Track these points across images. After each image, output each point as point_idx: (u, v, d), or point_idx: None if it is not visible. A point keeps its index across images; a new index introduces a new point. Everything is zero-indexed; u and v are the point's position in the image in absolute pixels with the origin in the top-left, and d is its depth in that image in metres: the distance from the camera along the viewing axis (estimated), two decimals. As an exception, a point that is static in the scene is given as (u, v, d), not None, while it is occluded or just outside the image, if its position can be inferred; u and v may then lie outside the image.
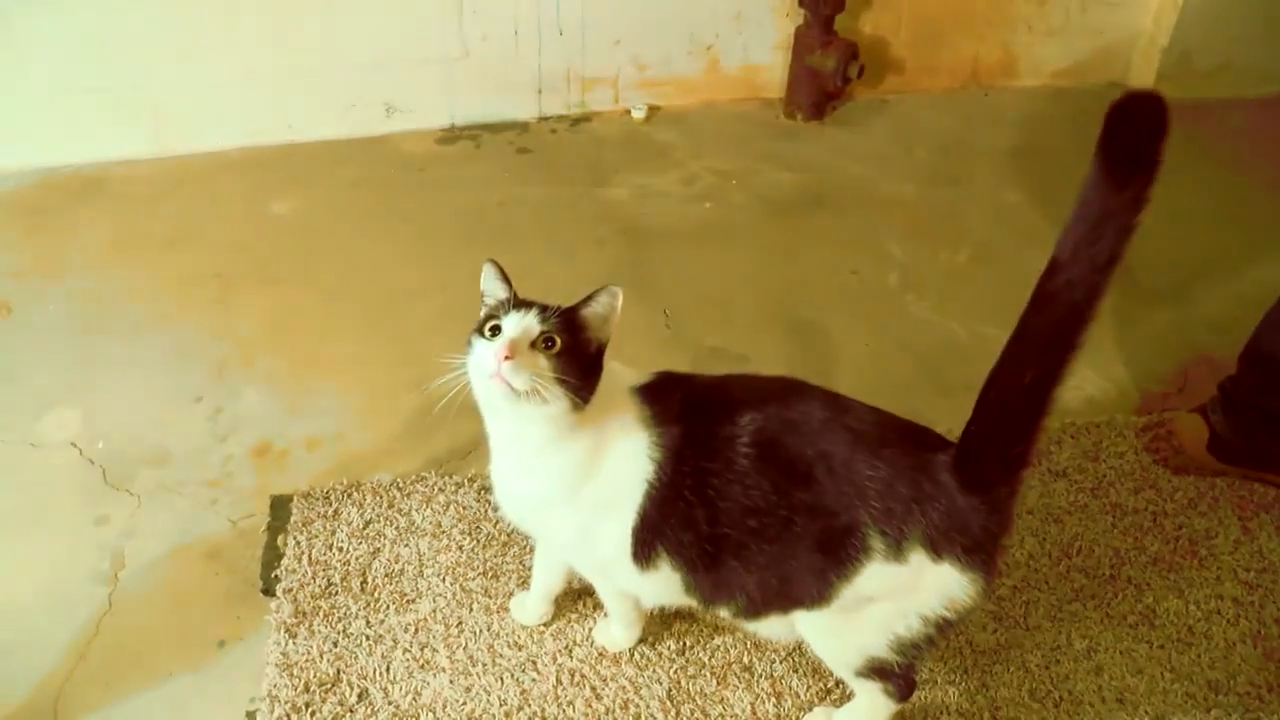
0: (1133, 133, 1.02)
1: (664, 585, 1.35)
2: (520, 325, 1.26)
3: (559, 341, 1.25)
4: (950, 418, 1.97)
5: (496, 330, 1.27)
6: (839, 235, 2.53)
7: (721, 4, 2.94)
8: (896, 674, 1.34)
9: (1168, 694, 1.55)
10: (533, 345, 1.24)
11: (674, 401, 1.32)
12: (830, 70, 2.88)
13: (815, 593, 1.26)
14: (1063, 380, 1.13)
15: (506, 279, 1.39)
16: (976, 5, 3.11)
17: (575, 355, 1.26)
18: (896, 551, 1.20)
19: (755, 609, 1.33)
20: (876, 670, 1.33)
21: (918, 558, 1.20)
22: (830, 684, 1.54)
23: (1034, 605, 1.66)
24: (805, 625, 1.34)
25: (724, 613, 1.38)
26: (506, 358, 1.20)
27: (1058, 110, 3.14)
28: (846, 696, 1.51)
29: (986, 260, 2.47)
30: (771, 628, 1.38)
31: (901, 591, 1.23)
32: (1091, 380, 2.10)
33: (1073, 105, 3.16)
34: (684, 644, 1.59)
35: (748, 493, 1.24)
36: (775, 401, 1.28)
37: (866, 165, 2.83)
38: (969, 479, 1.19)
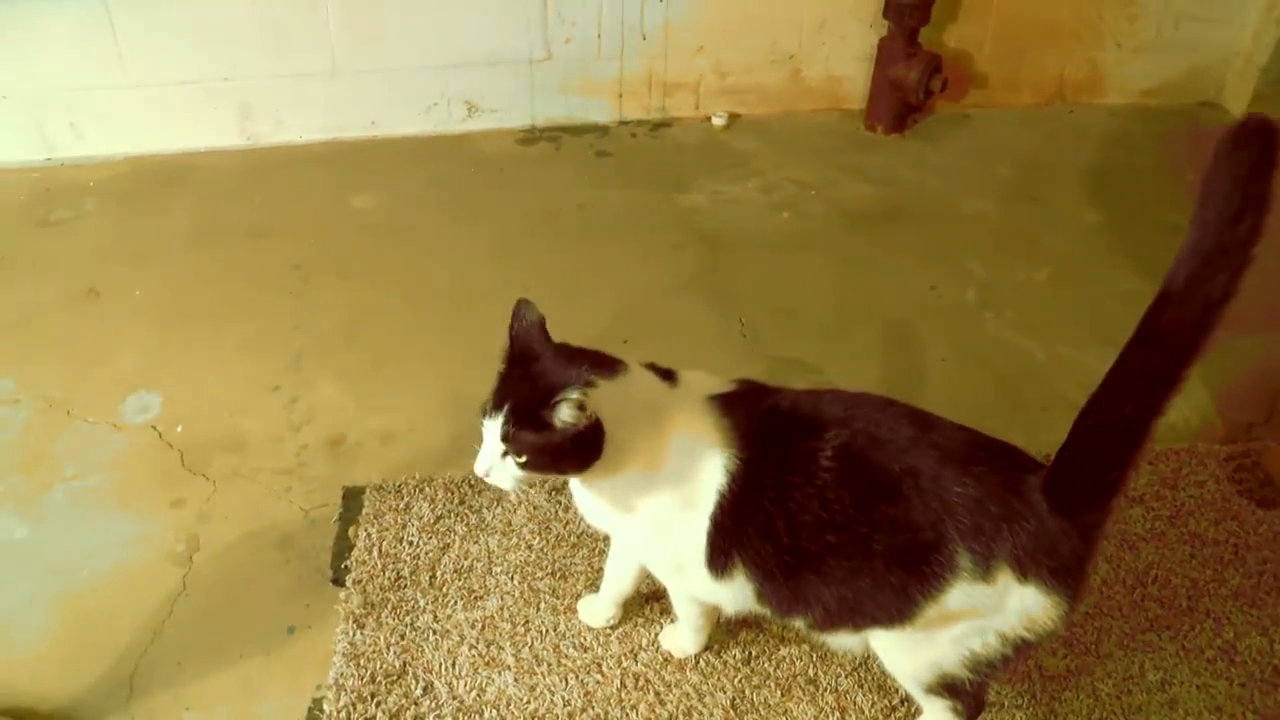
0: (1247, 162, 0.98)
1: (738, 593, 1.34)
2: (490, 439, 1.28)
3: (524, 454, 1.25)
4: (1026, 437, 1.94)
5: None
6: (917, 249, 2.50)
7: (805, 13, 2.93)
8: (967, 692, 1.32)
9: (1249, 733, 1.51)
10: (504, 454, 1.26)
11: (754, 412, 1.31)
12: (913, 83, 2.85)
13: (896, 610, 1.24)
14: (1163, 413, 1.11)
15: (509, 346, 1.36)
16: (1064, 20, 3.07)
17: (550, 453, 1.24)
18: (984, 571, 1.18)
19: (831, 622, 1.31)
20: (947, 687, 1.31)
21: (1004, 578, 1.18)
22: (895, 701, 1.52)
23: (1106, 632, 1.63)
24: (879, 639, 1.32)
25: (798, 624, 1.37)
26: (485, 474, 1.27)
27: (1145, 129, 3.08)
28: (911, 715, 1.50)
29: (1066, 280, 2.43)
30: (844, 640, 1.37)
31: (985, 610, 1.21)
32: (1173, 405, 2.05)
33: (1161, 125, 3.10)
34: (750, 653, 1.58)
35: (828, 507, 1.22)
36: (861, 417, 1.27)
37: (946, 180, 2.80)
38: (1060, 502, 1.16)
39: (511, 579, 1.69)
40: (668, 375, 1.37)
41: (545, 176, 2.74)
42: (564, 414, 1.22)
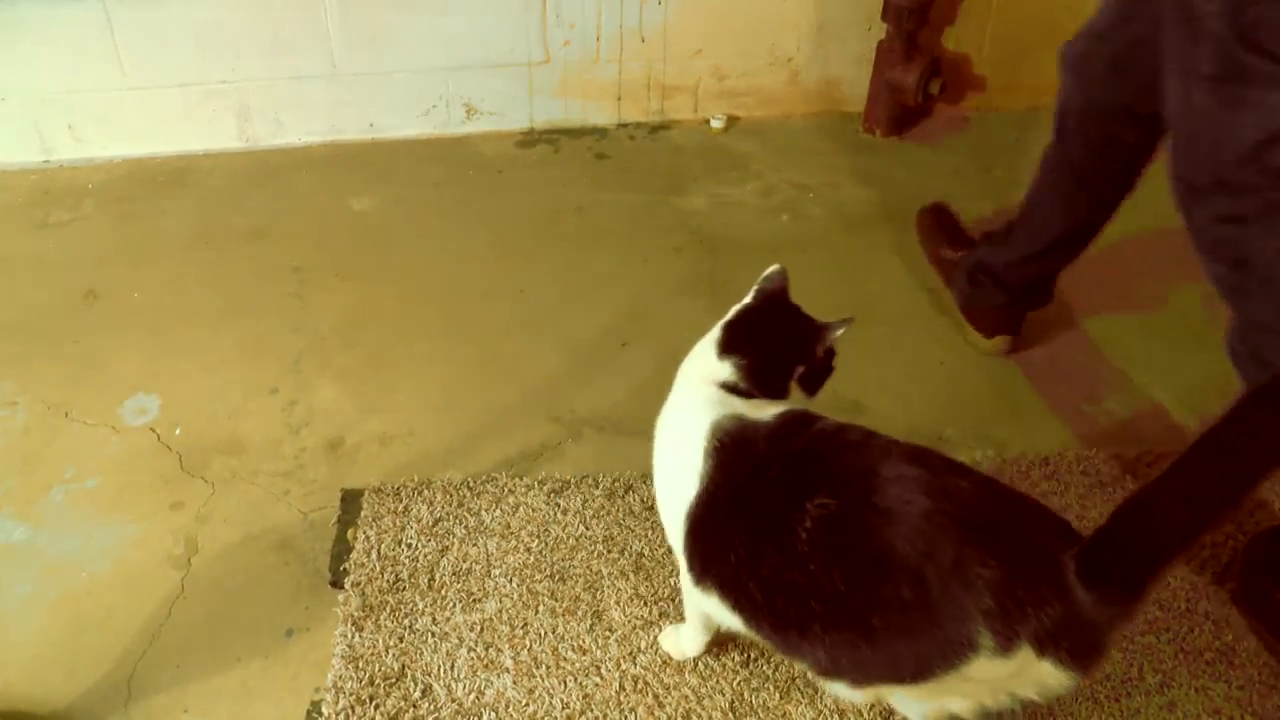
0: None
1: (725, 616, 1.32)
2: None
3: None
4: (1023, 439, 1.96)
5: None
6: (916, 252, 2.50)
7: (804, 16, 2.93)
8: None
9: (1247, 736, 1.51)
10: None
11: (753, 439, 1.31)
12: (911, 86, 2.85)
13: (908, 674, 1.19)
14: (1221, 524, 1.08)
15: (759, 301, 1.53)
16: (1062, 23, 3.04)
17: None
18: (1004, 650, 1.12)
19: (830, 675, 1.26)
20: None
21: (1024, 654, 1.13)
22: (895, 705, 1.52)
23: (1104, 636, 1.63)
24: (898, 697, 1.29)
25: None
26: None
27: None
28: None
29: (1065, 283, 2.42)
30: (844, 692, 1.30)
31: (999, 681, 1.17)
32: (1176, 409, 2.06)
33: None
34: (748, 656, 1.58)
35: (811, 578, 1.18)
36: (862, 484, 1.20)
37: (945, 182, 2.80)
38: (1095, 586, 1.11)
39: (510, 581, 1.69)
40: None
41: (544, 179, 2.74)
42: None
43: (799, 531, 1.19)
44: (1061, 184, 1.97)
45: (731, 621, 1.32)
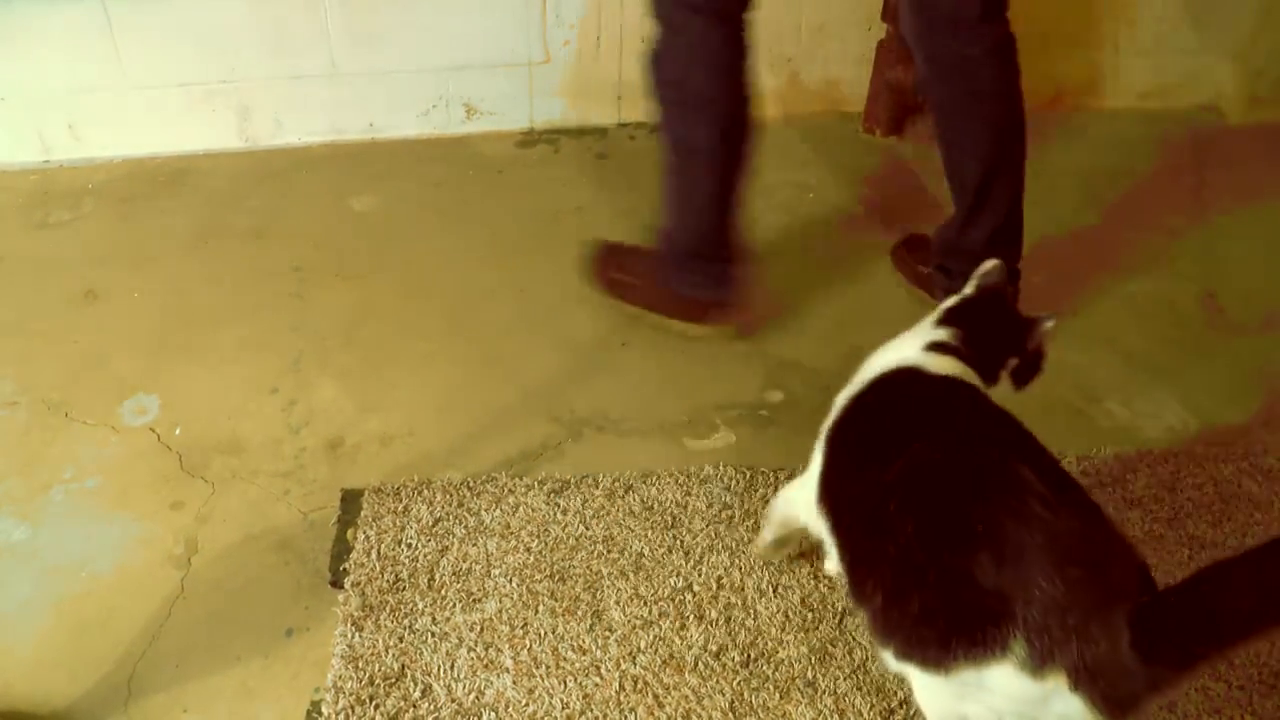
0: None
1: (826, 539, 1.40)
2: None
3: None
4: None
5: None
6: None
7: (803, 16, 2.92)
8: None
9: (1248, 736, 1.51)
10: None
11: (890, 388, 1.43)
12: (910, 86, 2.85)
13: (933, 656, 1.20)
14: None
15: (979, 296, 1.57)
16: (1063, 23, 3.06)
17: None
18: (1036, 668, 1.11)
19: (878, 630, 1.27)
20: None
21: (1056, 681, 1.11)
22: (894, 704, 1.52)
23: (1105, 635, 1.63)
24: (916, 677, 1.27)
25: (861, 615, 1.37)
26: None
27: (1143, 132, 3.07)
28: (909, 718, 1.50)
29: (1061, 281, 2.43)
30: (890, 663, 1.29)
31: (1024, 701, 1.14)
32: (1172, 409, 2.06)
33: (1158, 128, 3.09)
34: (748, 656, 1.58)
35: (890, 519, 1.23)
36: (974, 454, 1.26)
37: (943, 182, 2.79)
38: (1144, 645, 1.08)
39: (510, 581, 1.69)
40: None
41: (544, 179, 2.74)
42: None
43: (896, 467, 1.25)
44: (946, 130, 2.12)
45: (830, 546, 1.38)
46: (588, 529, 1.77)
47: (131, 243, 2.49)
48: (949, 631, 1.17)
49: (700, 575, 1.69)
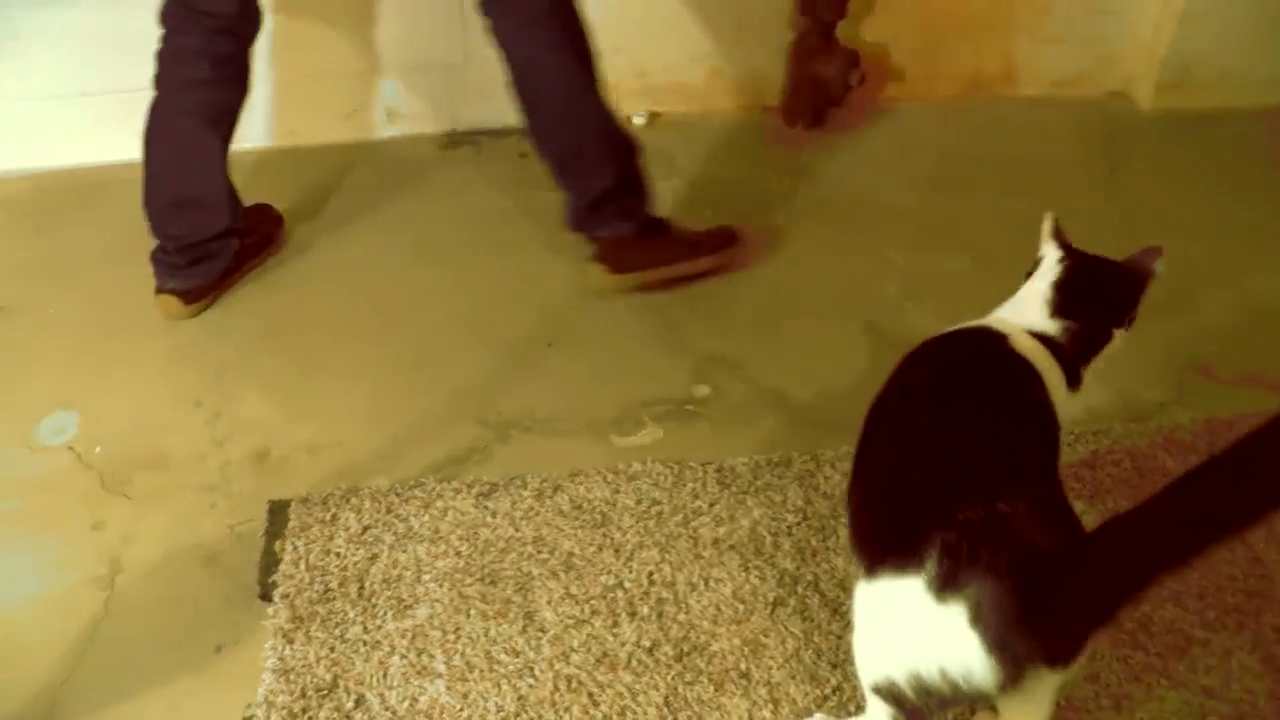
0: None
1: None
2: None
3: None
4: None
5: None
6: (837, 243, 2.53)
7: (723, 12, 2.94)
8: (910, 710, 1.27)
9: (1164, 700, 1.55)
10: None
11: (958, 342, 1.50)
12: (830, 78, 2.87)
13: (868, 560, 1.25)
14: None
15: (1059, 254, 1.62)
16: (978, 13, 3.11)
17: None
18: (940, 591, 1.13)
19: (853, 540, 1.36)
20: (894, 696, 1.25)
21: (956, 611, 1.12)
22: (827, 690, 1.54)
23: (1030, 611, 1.66)
24: (857, 600, 1.29)
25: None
26: None
27: (1058, 119, 3.13)
28: (843, 704, 1.52)
29: (987, 267, 2.46)
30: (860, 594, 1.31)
31: (929, 630, 1.16)
32: (1092, 389, 2.09)
33: (1073, 114, 3.15)
34: (682, 650, 1.59)
35: (876, 430, 1.37)
36: (966, 381, 1.39)
37: (867, 173, 2.83)
38: (1032, 605, 1.11)
39: (441, 586, 1.68)
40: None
41: (468, 181, 2.73)
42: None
43: (900, 384, 1.39)
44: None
45: None
46: (517, 530, 1.77)
47: (44, 257, 2.45)
48: (887, 537, 1.23)
49: (631, 572, 1.70)
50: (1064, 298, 1.52)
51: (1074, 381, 1.48)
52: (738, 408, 2.04)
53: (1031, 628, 1.11)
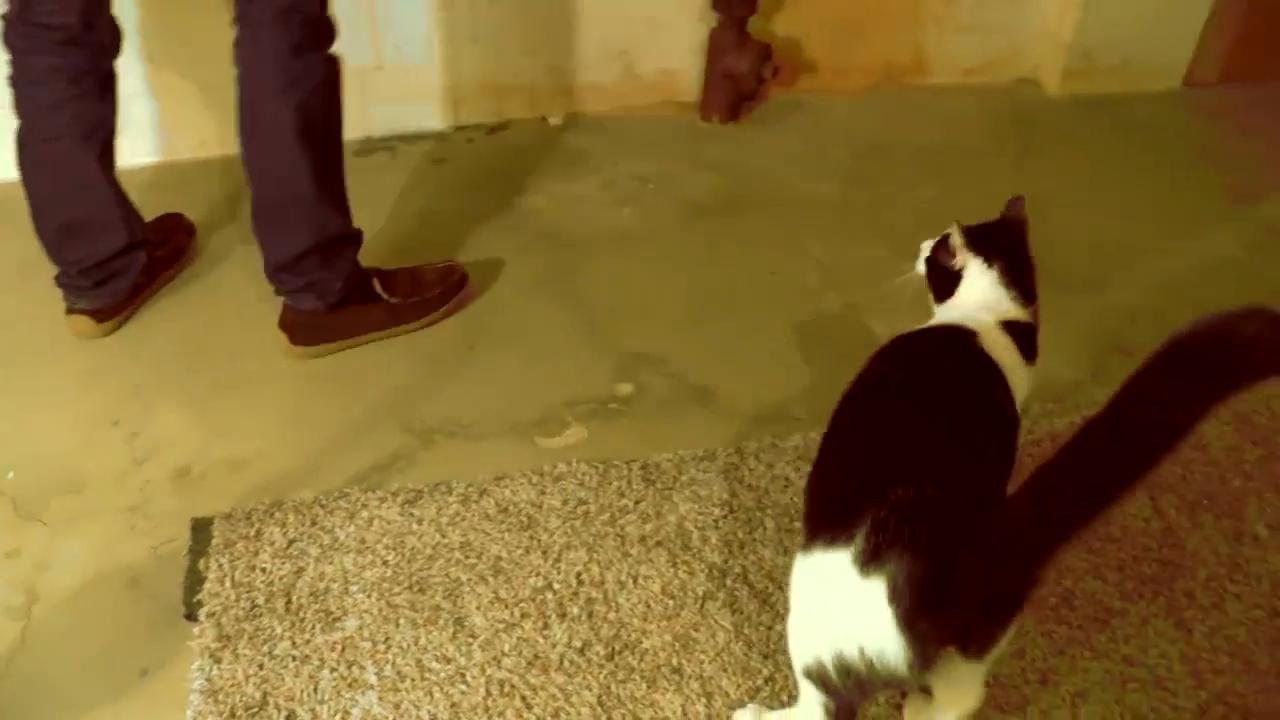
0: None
1: None
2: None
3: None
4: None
5: None
6: (758, 235, 2.55)
7: (635, 10, 2.94)
8: (839, 694, 1.29)
9: (1087, 671, 1.59)
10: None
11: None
12: (744, 72, 2.90)
13: (808, 533, 1.28)
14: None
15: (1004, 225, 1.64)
16: (887, 5, 3.15)
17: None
18: (864, 565, 1.16)
19: (804, 513, 1.38)
20: (822, 679, 1.27)
21: (875, 585, 1.14)
22: (759, 682, 1.55)
23: (956, 595, 1.69)
24: (793, 579, 1.31)
25: None
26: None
27: (970, 107, 3.19)
28: (775, 694, 1.53)
29: (904, 255, 2.48)
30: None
31: (851, 605, 1.17)
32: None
33: (983, 102, 3.21)
34: (613, 649, 1.59)
35: (838, 414, 1.41)
36: (931, 380, 1.40)
37: (784, 165, 2.85)
38: (939, 585, 1.13)
39: (369, 597, 1.67)
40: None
41: (383, 187, 2.70)
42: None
43: (868, 377, 1.43)
44: None
45: None
46: (444, 537, 1.76)
47: (-53, 280, 2.38)
48: (827, 513, 1.25)
49: (559, 573, 1.70)
50: (1019, 287, 1.55)
51: (1032, 355, 1.53)
52: (661, 404, 2.05)
53: (936, 608, 1.13)
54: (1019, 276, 1.54)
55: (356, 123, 2.86)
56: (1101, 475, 1.06)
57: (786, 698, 1.52)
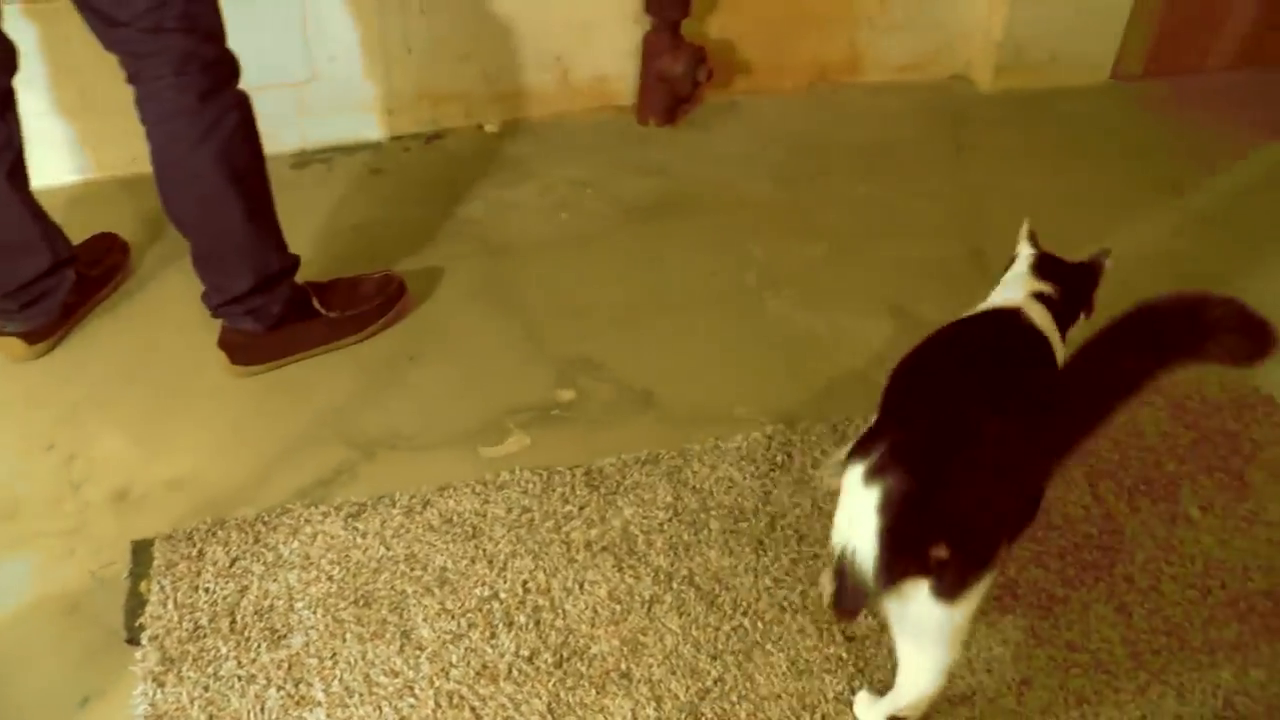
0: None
1: None
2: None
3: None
4: (813, 410, 2.03)
5: None
6: (696, 237, 2.56)
7: (569, 14, 2.95)
8: (842, 588, 1.36)
9: (1032, 659, 1.61)
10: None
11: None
12: (679, 75, 2.91)
13: (851, 454, 1.36)
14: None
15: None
16: (820, 5, 3.18)
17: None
18: (869, 475, 1.27)
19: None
20: (836, 568, 1.35)
21: (873, 496, 1.25)
22: (708, 683, 1.56)
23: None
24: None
25: None
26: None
27: (902, 104, 3.23)
28: (725, 694, 1.54)
29: (842, 252, 2.52)
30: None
31: (855, 507, 1.29)
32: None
33: (917, 98, 3.25)
34: (561, 656, 1.59)
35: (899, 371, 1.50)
36: (987, 343, 1.52)
37: (721, 167, 2.87)
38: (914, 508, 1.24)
39: (314, 613, 1.65)
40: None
41: (320, 200, 2.68)
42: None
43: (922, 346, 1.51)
44: None
45: None
46: (389, 549, 1.75)
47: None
48: (869, 436, 1.35)
49: (506, 582, 1.69)
50: (1041, 271, 1.67)
51: (1071, 322, 1.64)
52: (603, 409, 2.05)
53: (907, 528, 1.23)
54: (1053, 272, 1.68)
55: (292, 136, 2.86)
56: (1074, 412, 1.21)
57: (736, 697, 1.53)
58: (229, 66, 1.92)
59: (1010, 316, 1.57)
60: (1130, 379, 1.17)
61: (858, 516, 1.26)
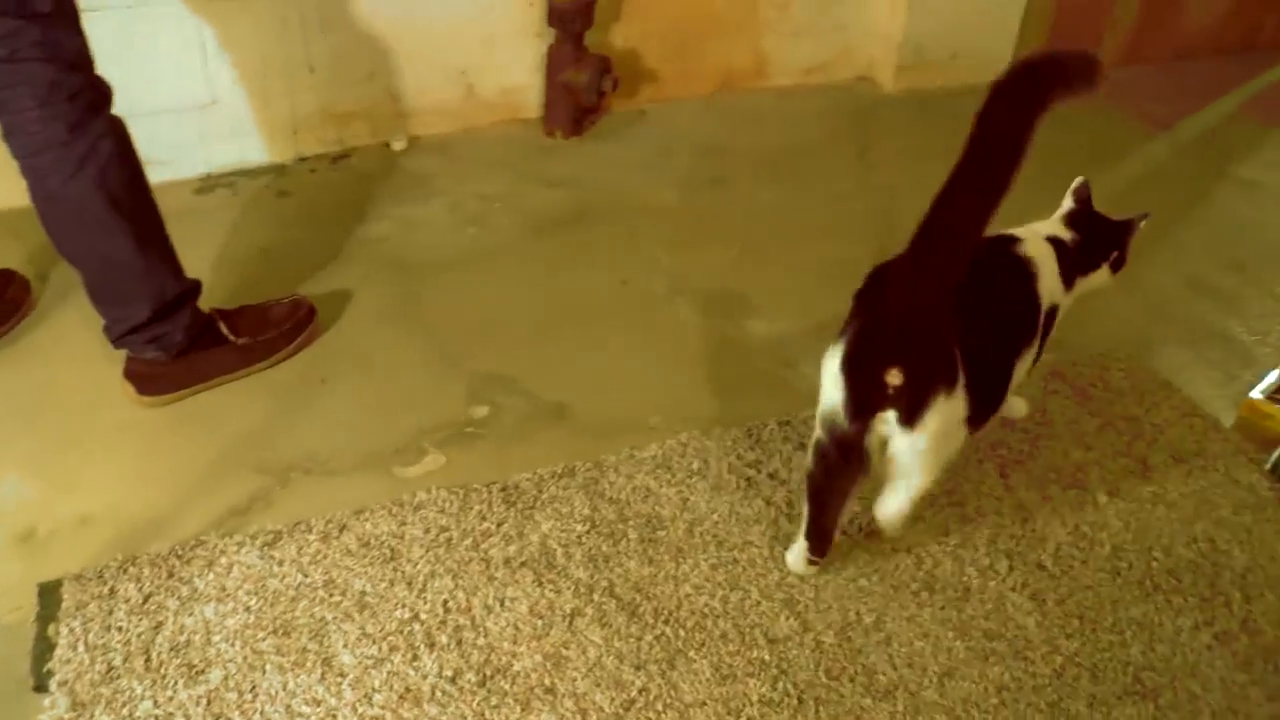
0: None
1: None
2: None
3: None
4: (729, 413, 2.04)
5: None
6: (606, 247, 2.57)
7: (472, 29, 2.94)
8: (829, 439, 1.55)
9: (951, 650, 1.64)
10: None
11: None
12: (584, 86, 2.91)
13: (839, 333, 1.57)
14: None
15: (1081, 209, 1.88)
16: (722, 12, 3.21)
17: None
18: (836, 338, 1.54)
19: None
20: (823, 424, 1.56)
21: (838, 351, 1.52)
22: (633, 694, 1.56)
23: (822, 588, 1.72)
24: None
25: None
26: None
27: (810, 107, 3.27)
28: (650, 704, 1.54)
29: (751, 257, 2.55)
30: None
31: (828, 370, 1.53)
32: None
33: (823, 101, 3.30)
34: (484, 674, 1.58)
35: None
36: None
37: (629, 176, 2.88)
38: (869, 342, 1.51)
39: (233, 645, 1.63)
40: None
41: (225, 225, 2.64)
42: None
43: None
44: None
45: None
46: (306, 576, 1.72)
47: None
48: (849, 321, 1.55)
49: (426, 603, 1.68)
50: (1072, 218, 1.82)
51: (1068, 284, 1.76)
52: (517, 424, 2.05)
53: (862, 366, 1.47)
54: (1083, 223, 1.83)
55: (195, 160, 2.82)
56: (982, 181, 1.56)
57: (661, 707, 1.54)
58: (97, 93, 1.86)
59: (1006, 242, 1.72)
60: (1023, 123, 1.49)
61: (829, 373, 1.50)
